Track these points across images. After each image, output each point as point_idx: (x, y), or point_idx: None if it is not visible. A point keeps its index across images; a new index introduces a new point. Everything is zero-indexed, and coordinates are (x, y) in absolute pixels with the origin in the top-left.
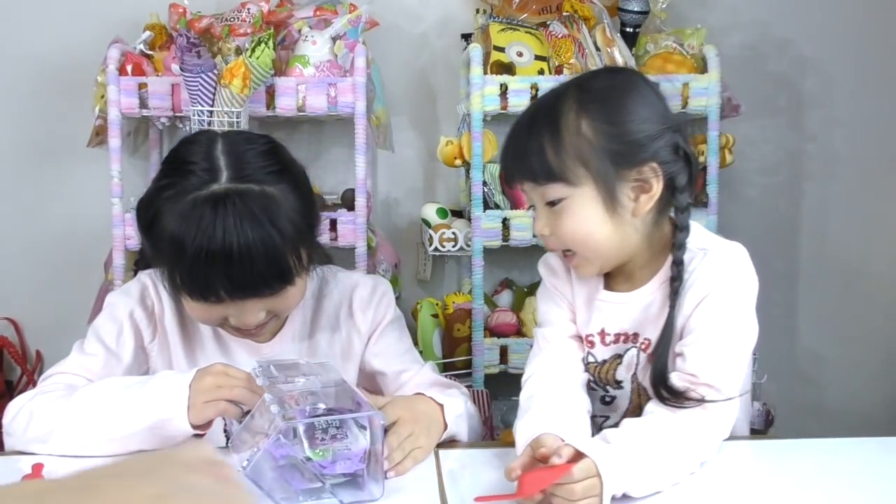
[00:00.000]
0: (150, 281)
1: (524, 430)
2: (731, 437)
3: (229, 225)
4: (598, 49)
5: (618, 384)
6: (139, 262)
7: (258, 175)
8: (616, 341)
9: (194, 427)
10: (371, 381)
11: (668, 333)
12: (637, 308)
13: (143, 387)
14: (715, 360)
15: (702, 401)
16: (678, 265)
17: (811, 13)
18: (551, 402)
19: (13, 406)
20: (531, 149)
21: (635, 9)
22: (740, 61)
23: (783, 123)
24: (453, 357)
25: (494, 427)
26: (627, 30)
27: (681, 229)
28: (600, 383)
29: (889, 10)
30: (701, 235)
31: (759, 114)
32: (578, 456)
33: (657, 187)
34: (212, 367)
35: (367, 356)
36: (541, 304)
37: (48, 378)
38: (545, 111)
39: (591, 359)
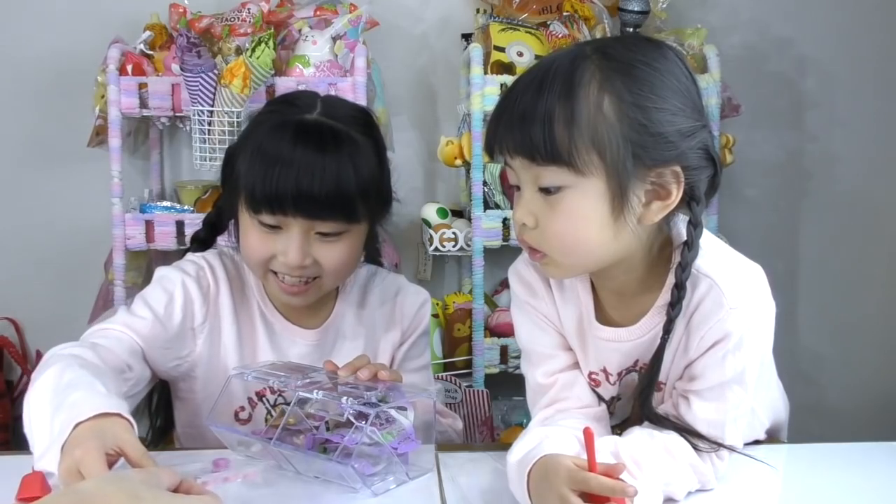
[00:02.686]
0: (206, 263)
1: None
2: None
3: (311, 141)
4: None
5: (618, 398)
6: (195, 241)
7: (348, 121)
8: (620, 377)
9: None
10: None
11: (657, 365)
12: (637, 344)
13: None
14: (723, 419)
15: (717, 445)
16: (679, 289)
17: (811, 13)
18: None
19: (39, 368)
20: (535, 116)
21: (635, 9)
22: (740, 61)
23: (783, 123)
24: (453, 357)
25: (494, 427)
26: (628, 30)
27: (690, 247)
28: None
29: (889, 11)
30: (709, 252)
31: (759, 114)
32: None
33: (675, 195)
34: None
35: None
36: (521, 331)
37: (90, 333)
38: (560, 74)
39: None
